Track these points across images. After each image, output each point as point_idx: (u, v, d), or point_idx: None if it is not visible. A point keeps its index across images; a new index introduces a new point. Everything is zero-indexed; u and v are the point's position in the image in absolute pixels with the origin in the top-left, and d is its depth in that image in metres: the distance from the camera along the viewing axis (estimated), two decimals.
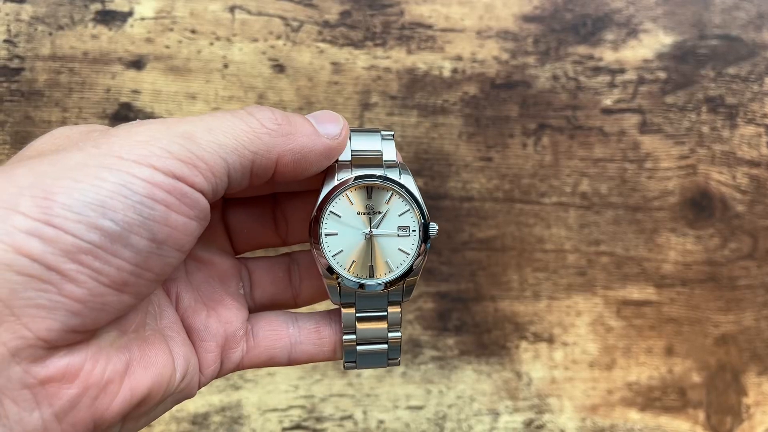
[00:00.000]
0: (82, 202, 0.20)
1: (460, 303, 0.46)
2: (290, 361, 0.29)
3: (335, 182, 0.28)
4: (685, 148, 0.48)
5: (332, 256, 0.28)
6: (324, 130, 0.27)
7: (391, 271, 0.28)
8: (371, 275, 0.28)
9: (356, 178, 0.28)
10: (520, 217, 0.46)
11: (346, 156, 0.29)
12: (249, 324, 0.29)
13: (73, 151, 0.21)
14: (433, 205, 0.46)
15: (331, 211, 0.28)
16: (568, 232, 0.47)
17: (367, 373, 0.45)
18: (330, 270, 0.28)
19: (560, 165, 0.47)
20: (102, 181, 0.20)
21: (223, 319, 0.28)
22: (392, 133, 0.30)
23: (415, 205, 0.29)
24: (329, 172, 0.28)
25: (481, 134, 0.46)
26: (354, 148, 0.29)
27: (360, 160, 0.29)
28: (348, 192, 0.28)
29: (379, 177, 0.28)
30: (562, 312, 0.47)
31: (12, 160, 0.23)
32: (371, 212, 0.28)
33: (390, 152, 0.29)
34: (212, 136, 0.23)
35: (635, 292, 0.47)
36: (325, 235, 0.28)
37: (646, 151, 0.47)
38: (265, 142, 0.25)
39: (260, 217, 0.30)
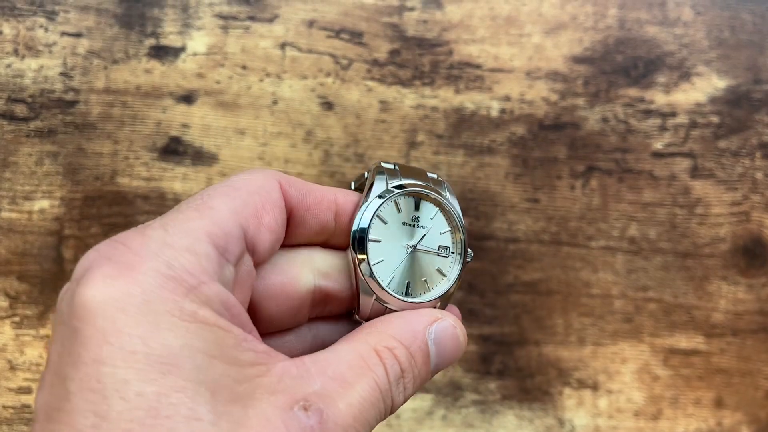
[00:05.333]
0: None
1: (503, 346, 0.45)
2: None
3: (385, 185, 0.27)
4: (738, 195, 0.46)
5: (374, 264, 0.26)
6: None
7: (427, 291, 0.27)
8: (407, 293, 0.27)
9: (412, 184, 0.27)
10: (566, 260, 0.45)
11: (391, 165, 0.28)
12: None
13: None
14: (478, 245, 0.45)
15: (378, 215, 0.26)
16: (616, 277, 0.46)
17: (406, 415, 0.44)
18: (372, 276, 0.26)
19: (608, 208, 0.46)
20: None
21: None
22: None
23: (459, 225, 0.28)
24: (377, 175, 0.27)
25: (528, 175, 0.46)
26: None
27: (407, 171, 0.28)
28: (398, 198, 0.27)
29: (433, 189, 0.27)
30: (607, 359, 0.46)
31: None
32: (416, 225, 0.27)
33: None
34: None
35: (683, 341, 0.46)
36: (370, 240, 0.26)
37: (697, 196, 0.46)
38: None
39: None
